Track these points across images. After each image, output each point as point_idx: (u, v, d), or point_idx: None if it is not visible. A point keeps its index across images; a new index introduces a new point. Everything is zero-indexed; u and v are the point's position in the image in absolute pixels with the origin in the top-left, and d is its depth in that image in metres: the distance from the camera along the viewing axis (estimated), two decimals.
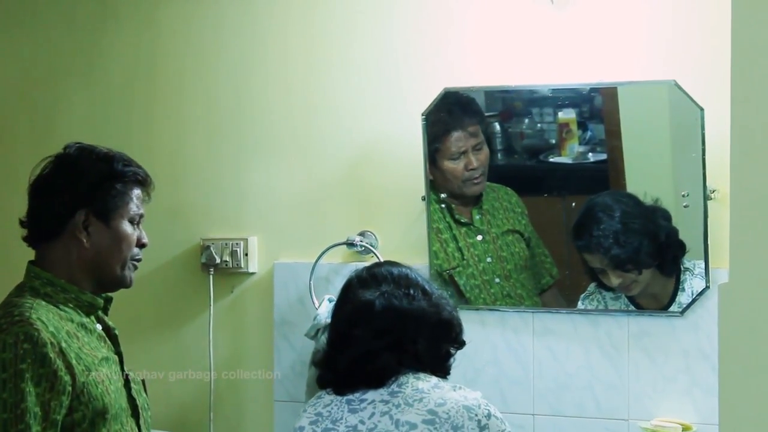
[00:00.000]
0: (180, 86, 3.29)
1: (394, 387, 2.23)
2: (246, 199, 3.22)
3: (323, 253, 3.05)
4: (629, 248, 2.81)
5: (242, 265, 3.19)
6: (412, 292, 2.32)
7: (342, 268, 3.07)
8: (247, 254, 3.18)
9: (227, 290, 3.24)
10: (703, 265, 2.74)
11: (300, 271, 3.10)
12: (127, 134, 3.30)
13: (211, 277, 3.20)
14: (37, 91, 3.44)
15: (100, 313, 2.30)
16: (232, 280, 3.23)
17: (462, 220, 3.00)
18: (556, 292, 2.97)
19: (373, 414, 2.21)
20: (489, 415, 2.19)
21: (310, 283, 3.06)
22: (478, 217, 3.00)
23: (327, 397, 2.30)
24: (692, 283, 2.77)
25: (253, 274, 3.21)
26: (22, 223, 2.27)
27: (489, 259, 2.99)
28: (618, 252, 2.81)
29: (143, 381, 2.36)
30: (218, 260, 3.19)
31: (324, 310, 2.93)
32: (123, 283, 2.29)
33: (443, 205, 2.99)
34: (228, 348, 3.23)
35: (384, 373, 2.25)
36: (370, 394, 2.24)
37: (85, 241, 2.21)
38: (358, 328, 2.29)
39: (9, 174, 3.45)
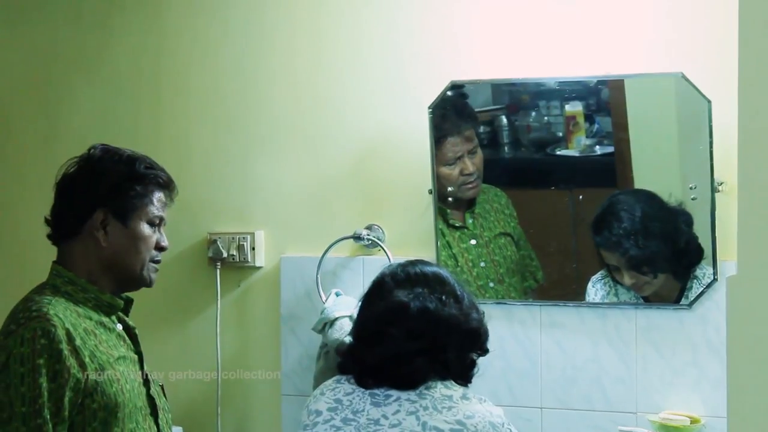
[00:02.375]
0: (186, 80, 3.28)
1: (422, 389, 2.24)
2: (253, 193, 3.22)
3: (330, 246, 3.05)
4: (648, 252, 2.80)
5: (249, 259, 3.19)
6: (444, 298, 2.31)
7: (349, 261, 3.07)
8: (254, 248, 3.18)
9: (234, 284, 3.24)
10: (711, 272, 2.74)
11: (307, 265, 3.10)
12: (133, 129, 3.30)
13: (218, 271, 3.20)
14: (44, 86, 3.44)
15: (120, 313, 2.31)
16: (239, 274, 3.23)
17: (456, 225, 2.99)
18: (536, 296, 2.96)
19: (398, 411, 2.21)
20: None
21: (317, 277, 3.06)
22: (470, 220, 3.00)
23: (347, 386, 2.29)
24: (697, 290, 2.77)
25: (260, 268, 3.21)
26: (47, 221, 2.30)
27: (483, 264, 2.98)
28: (636, 253, 2.80)
29: (162, 387, 2.38)
30: (225, 254, 3.19)
31: (331, 304, 2.93)
32: (143, 283, 2.31)
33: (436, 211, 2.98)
34: (235, 342, 3.23)
35: (416, 377, 2.25)
36: (395, 392, 2.24)
37: (102, 239, 2.24)
38: (392, 327, 2.27)
39: (17, 169, 3.46)
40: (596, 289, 2.89)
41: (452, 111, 2.95)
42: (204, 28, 3.26)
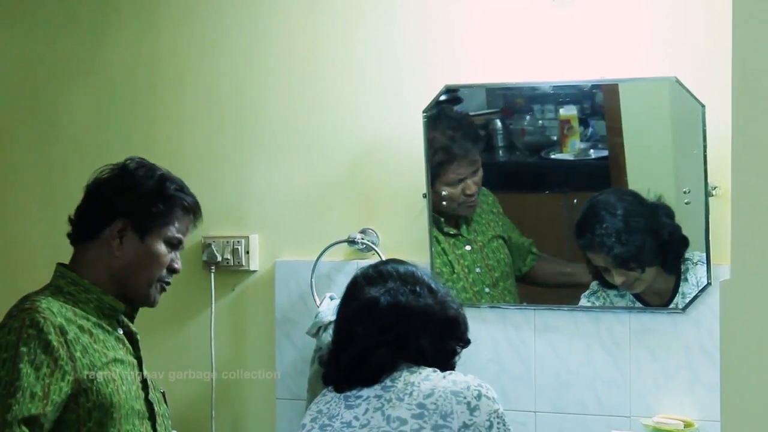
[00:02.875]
0: (181, 83, 3.28)
1: (387, 382, 2.24)
2: (247, 196, 3.21)
3: (324, 250, 3.05)
4: (632, 247, 2.81)
5: (243, 263, 3.19)
6: (418, 289, 2.32)
7: (343, 265, 3.07)
8: (248, 252, 3.18)
9: (228, 288, 3.23)
10: (702, 254, 2.74)
11: (301, 269, 3.10)
12: (128, 131, 3.30)
13: (212, 275, 3.20)
14: (39, 88, 3.43)
15: (125, 318, 2.32)
16: (233, 278, 3.22)
17: (451, 232, 2.99)
18: (531, 299, 2.96)
19: (367, 410, 2.23)
20: (479, 396, 2.19)
21: (311, 281, 3.06)
22: (464, 226, 3.00)
23: (329, 395, 2.32)
24: (695, 272, 2.76)
25: (254, 272, 3.20)
26: (70, 220, 2.33)
27: (478, 270, 2.98)
28: (621, 251, 2.80)
29: (163, 393, 2.39)
30: (219, 258, 3.19)
31: (325, 308, 2.93)
32: (146, 302, 2.33)
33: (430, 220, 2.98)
34: (230, 346, 3.23)
35: (378, 370, 2.26)
36: (365, 391, 2.26)
37: (116, 249, 2.26)
38: (362, 325, 2.30)
39: (11, 172, 3.45)
40: (590, 302, 2.89)
41: (459, 132, 2.95)
42: (199, 32, 3.26)
